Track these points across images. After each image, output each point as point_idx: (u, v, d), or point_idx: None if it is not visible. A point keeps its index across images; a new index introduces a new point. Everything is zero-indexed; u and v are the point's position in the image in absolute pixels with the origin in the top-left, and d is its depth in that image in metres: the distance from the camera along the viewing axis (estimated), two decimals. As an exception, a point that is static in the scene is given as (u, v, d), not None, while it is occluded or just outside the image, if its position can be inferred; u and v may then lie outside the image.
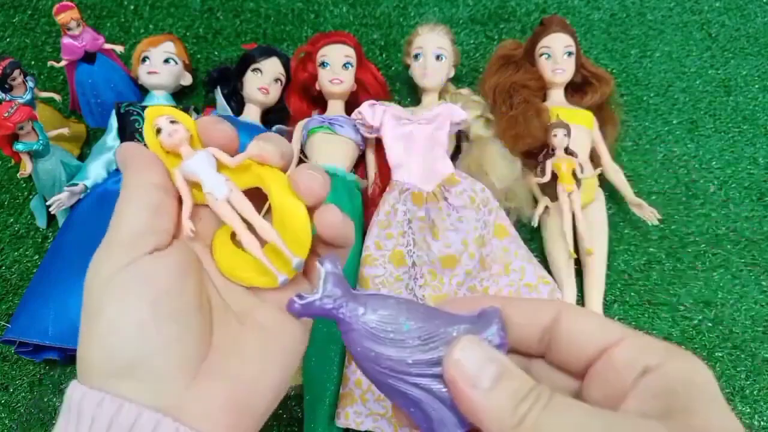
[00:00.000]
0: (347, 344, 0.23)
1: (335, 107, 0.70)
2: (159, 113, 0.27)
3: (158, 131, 0.26)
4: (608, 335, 0.22)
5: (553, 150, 0.65)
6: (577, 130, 0.67)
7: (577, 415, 0.19)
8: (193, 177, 0.26)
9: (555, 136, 0.64)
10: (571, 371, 0.23)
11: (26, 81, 0.67)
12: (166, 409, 0.21)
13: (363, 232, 0.63)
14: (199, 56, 0.83)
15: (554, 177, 0.64)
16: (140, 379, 0.22)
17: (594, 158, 0.70)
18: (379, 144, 0.67)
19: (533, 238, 0.68)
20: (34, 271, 0.63)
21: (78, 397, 0.22)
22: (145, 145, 0.27)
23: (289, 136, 0.71)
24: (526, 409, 0.19)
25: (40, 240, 0.68)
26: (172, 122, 0.26)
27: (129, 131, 0.67)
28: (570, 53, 0.70)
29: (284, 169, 0.27)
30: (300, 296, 0.24)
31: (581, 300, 0.63)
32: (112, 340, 0.22)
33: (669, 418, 0.19)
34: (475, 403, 0.20)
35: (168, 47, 0.73)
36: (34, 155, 0.63)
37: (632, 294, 0.65)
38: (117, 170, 0.67)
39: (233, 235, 0.27)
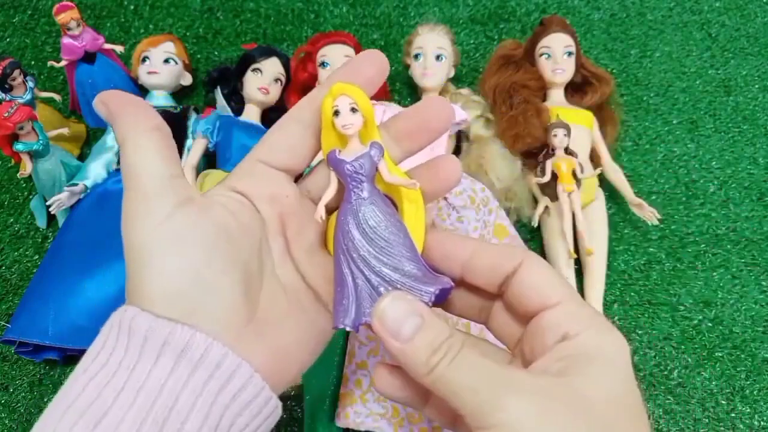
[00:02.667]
0: (344, 205, 0.26)
1: (335, 107, 0.70)
2: (344, 92, 0.26)
3: (336, 113, 0.26)
4: (549, 296, 0.24)
5: (553, 150, 0.65)
6: (577, 130, 0.67)
7: (474, 369, 0.21)
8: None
9: (555, 136, 0.64)
10: (518, 319, 0.25)
11: (26, 81, 0.67)
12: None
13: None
14: (199, 56, 0.83)
15: (554, 177, 0.64)
16: (194, 320, 0.22)
17: (594, 158, 0.70)
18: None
19: (533, 238, 0.68)
20: (34, 271, 0.63)
21: (130, 316, 0.22)
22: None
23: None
24: (437, 360, 0.21)
25: (40, 240, 0.68)
26: (353, 111, 0.26)
27: (129, 131, 0.67)
28: (570, 53, 0.70)
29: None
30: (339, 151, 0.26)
31: (581, 300, 0.63)
32: (169, 287, 0.22)
33: (563, 377, 0.21)
34: (396, 352, 0.22)
35: (168, 47, 0.73)
36: (34, 155, 0.63)
37: (632, 294, 0.65)
38: (117, 170, 0.67)
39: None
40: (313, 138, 0.28)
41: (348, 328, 0.25)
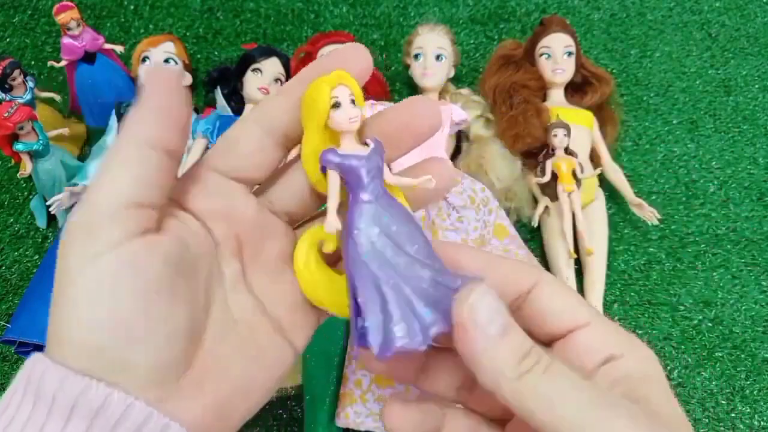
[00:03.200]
0: (351, 212, 0.22)
1: (335, 107, 0.70)
2: (343, 81, 0.22)
3: (336, 104, 0.21)
4: (576, 317, 0.22)
5: (553, 150, 0.65)
6: (577, 130, 0.67)
7: (571, 383, 0.19)
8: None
9: (555, 136, 0.64)
10: (534, 339, 0.23)
11: (26, 81, 0.67)
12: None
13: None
14: (199, 56, 0.83)
15: (554, 177, 0.64)
16: (116, 377, 0.19)
17: (594, 158, 0.70)
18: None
19: (533, 238, 0.68)
20: (34, 271, 0.63)
21: (39, 372, 0.19)
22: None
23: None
24: (528, 367, 0.19)
25: (40, 240, 0.68)
26: (353, 103, 0.22)
27: (129, 131, 0.67)
28: (570, 53, 0.70)
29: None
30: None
31: (581, 300, 0.63)
32: (92, 340, 0.19)
33: (634, 401, 0.20)
34: (480, 349, 0.20)
35: (168, 47, 0.73)
36: (34, 155, 0.63)
37: (632, 294, 0.65)
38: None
39: (320, 246, 0.24)
40: (275, 145, 0.24)
41: (377, 356, 0.21)
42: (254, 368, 0.23)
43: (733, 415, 0.58)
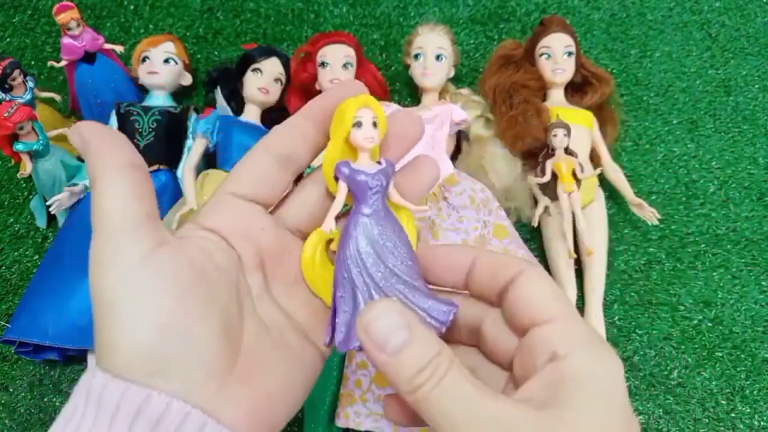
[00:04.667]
0: (351, 219, 0.25)
1: (335, 107, 0.70)
2: (368, 104, 0.25)
3: (358, 123, 0.24)
4: (543, 311, 0.22)
5: (553, 150, 0.65)
6: (577, 130, 0.67)
7: (456, 396, 0.20)
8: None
9: (555, 136, 0.64)
10: (513, 334, 0.24)
11: (26, 81, 0.67)
12: (194, 405, 0.21)
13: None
14: (199, 56, 0.83)
15: (554, 177, 0.64)
16: (169, 378, 0.21)
17: (594, 158, 0.70)
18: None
19: (533, 238, 0.68)
20: (34, 271, 0.63)
21: (100, 385, 0.20)
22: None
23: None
24: (422, 381, 0.20)
25: (40, 240, 0.68)
26: (375, 125, 0.25)
27: (129, 131, 0.67)
28: (570, 53, 0.70)
29: None
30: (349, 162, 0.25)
31: (581, 300, 0.63)
32: (142, 342, 0.21)
33: (546, 408, 0.20)
34: (381, 365, 0.21)
35: (168, 47, 0.73)
36: (34, 155, 0.63)
37: (632, 294, 0.65)
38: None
39: (328, 244, 0.27)
40: (284, 170, 0.26)
41: (339, 349, 0.24)
42: (291, 370, 0.25)
43: (733, 415, 0.58)
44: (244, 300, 0.25)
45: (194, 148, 0.67)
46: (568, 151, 0.65)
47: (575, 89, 0.73)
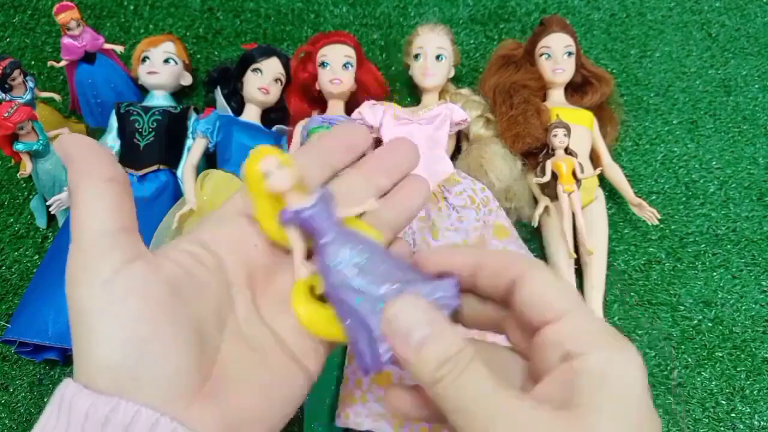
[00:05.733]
0: (319, 255, 0.25)
1: (335, 107, 0.70)
2: (265, 154, 0.25)
3: (265, 175, 0.25)
4: (551, 308, 0.22)
5: (553, 150, 0.65)
6: (577, 130, 0.67)
7: (476, 391, 0.20)
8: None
9: (555, 136, 0.64)
10: (526, 333, 0.24)
11: (26, 81, 0.67)
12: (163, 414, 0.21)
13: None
14: (199, 56, 0.83)
15: (554, 177, 0.64)
16: (137, 393, 0.21)
17: (594, 158, 0.70)
18: (379, 144, 0.67)
19: (533, 238, 0.68)
20: (34, 271, 0.63)
21: (70, 394, 0.21)
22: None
23: (289, 136, 0.71)
24: (443, 374, 0.21)
25: (40, 240, 0.68)
26: (279, 167, 0.25)
27: (129, 131, 0.67)
28: (570, 53, 0.70)
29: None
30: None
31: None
32: (111, 357, 0.21)
33: (564, 409, 0.19)
34: (404, 360, 0.22)
35: (168, 47, 0.73)
36: (34, 155, 0.63)
37: (632, 294, 0.65)
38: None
39: (311, 289, 0.26)
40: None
41: (371, 372, 0.24)
42: (270, 390, 0.24)
43: (733, 415, 0.58)
44: (226, 317, 0.25)
45: (194, 148, 0.67)
46: (568, 151, 0.65)
47: (575, 89, 0.73)
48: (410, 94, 0.79)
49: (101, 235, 0.22)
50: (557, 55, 0.70)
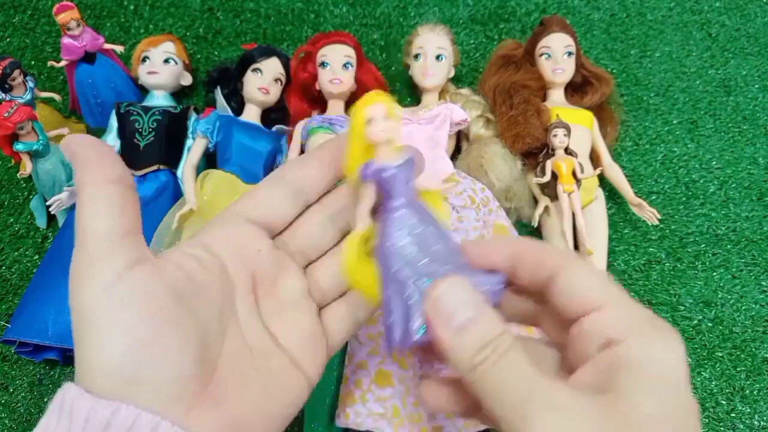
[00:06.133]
0: (384, 216, 0.25)
1: (335, 107, 0.70)
2: (377, 100, 0.25)
3: (369, 121, 0.25)
4: (592, 298, 0.22)
5: (553, 150, 0.65)
6: (577, 130, 0.67)
7: (515, 374, 0.20)
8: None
9: (555, 136, 0.64)
10: (563, 324, 0.24)
11: (26, 81, 0.67)
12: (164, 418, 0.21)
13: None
14: (199, 56, 0.83)
15: (554, 177, 0.64)
16: (137, 396, 0.21)
17: (594, 158, 0.70)
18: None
19: (533, 238, 0.68)
20: (34, 271, 0.63)
21: (72, 397, 0.21)
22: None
23: (289, 136, 0.71)
24: (482, 358, 0.21)
25: (40, 240, 0.68)
26: (386, 118, 0.25)
27: (129, 131, 0.67)
28: (570, 53, 0.70)
29: None
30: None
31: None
32: (112, 360, 0.21)
33: (602, 394, 0.19)
34: (443, 341, 0.21)
35: (168, 47, 0.73)
36: (34, 155, 0.63)
37: (632, 294, 0.65)
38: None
39: (366, 244, 0.26)
40: (295, 202, 0.27)
41: (397, 349, 0.24)
42: (270, 395, 0.25)
43: (733, 415, 0.58)
44: (228, 321, 0.25)
45: (194, 148, 0.66)
46: (568, 151, 0.65)
47: (575, 89, 0.73)
48: (410, 94, 0.79)
49: (105, 238, 0.22)
50: (557, 55, 0.70)
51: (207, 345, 0.23)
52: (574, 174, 0.64)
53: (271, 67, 0.70)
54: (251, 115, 0.69)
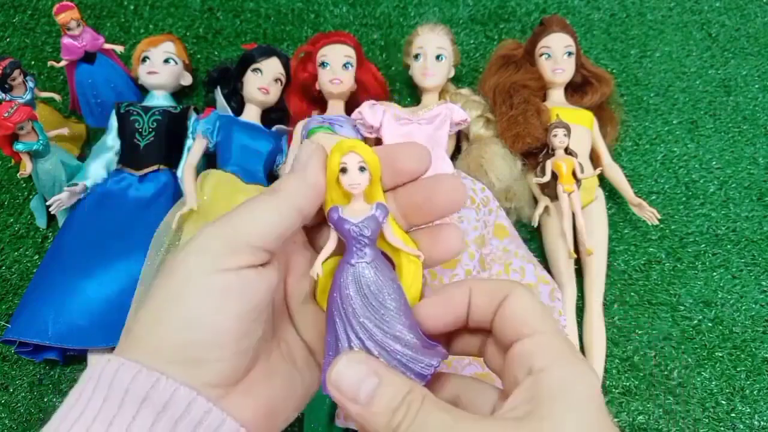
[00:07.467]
0: (340, 269, 0.26)
1: (335, 107, 0.70)
2: (353, 149, 0.25)
3: (343, 170, 0.25)
4: (525, 326, 0.23)
5: (553, 150, 0.65)
6: (577, 130, 0.67)
7: (436, 423, 0.21)
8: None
9: (555, 136, 0.64)
10: (503, 348, 0.25)
11: (26, 81, 0.67)
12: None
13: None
14: (199, 56, 0.83)
15: (554, 177, 0.64)
16: (193, 373, 0.22)
17: (594, 158, 0.70)
18: (379, 144, 0.67)
19: (533, 238, 0.68)
20: (34, 271, 0.63)
21: (113, 369, 0.21)
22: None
23: (289, 136, 0.71)
24: (397, 422, 0.21)
25: (40, 240, 0.68)
26: (362, 169, 0.25)
27: (129, 131, 0.67)
28: (570, 53, 0.70)
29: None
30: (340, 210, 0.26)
31: (581, 300, 0.63)
32: (193, 336, 0.22)
33: (528, 419, 0.21)
34: (357, 417, 0.22)
35: (168, 47, 0.73)
36: (34, 155, 0.63)
37: (632, 294, 0.65)
38: (117, 170, 0.67)
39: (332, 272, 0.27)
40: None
41: (323, 389, 0.24)
42: (293, 384, 0.26)
43: (733, 415, 0.58)
44: (278, 326, 0.27)
45: (194, 148, 0.66)
46: (568, 151, 0.65)
47: (575, 89, 0.73)
48: (410, 94, 0.79)
49: (236, 242, 0.23)
50: (557, 55, 0.70)
51: (264, 342, 0.25)
52: (574, 174, 0.64)
53: (271, 67, 0.70)
54: (251, 115, 0.69)
